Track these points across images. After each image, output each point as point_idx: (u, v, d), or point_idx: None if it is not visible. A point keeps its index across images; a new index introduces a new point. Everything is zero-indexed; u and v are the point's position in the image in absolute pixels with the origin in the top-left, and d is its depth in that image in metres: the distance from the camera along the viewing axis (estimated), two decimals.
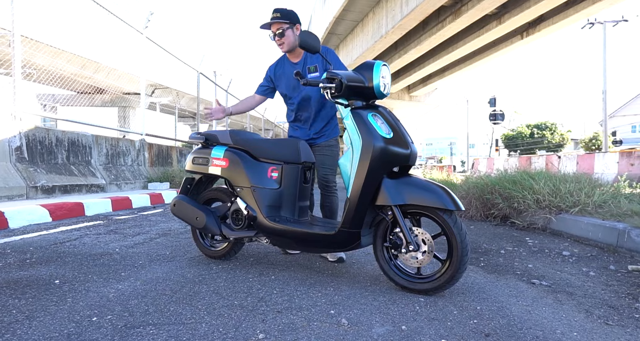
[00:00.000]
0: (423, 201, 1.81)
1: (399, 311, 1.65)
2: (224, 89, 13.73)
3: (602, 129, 29.46)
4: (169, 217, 4.58)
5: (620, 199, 3.80)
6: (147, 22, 8.21)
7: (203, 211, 2.36)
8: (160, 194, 6.38)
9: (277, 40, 2.56)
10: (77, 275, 2.11)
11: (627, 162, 9.76)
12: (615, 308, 1.75)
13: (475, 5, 10.70)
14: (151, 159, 8.04)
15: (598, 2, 11.23)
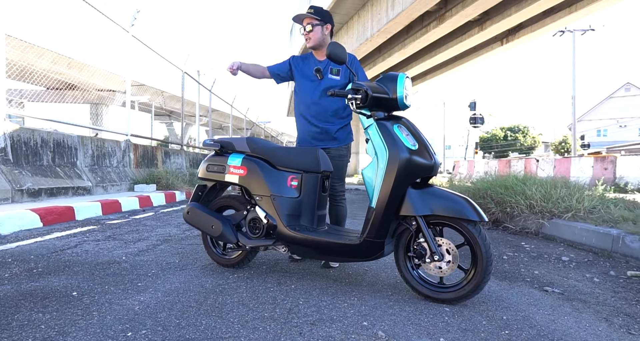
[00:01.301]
0: (448, 212, 1.85)
1: (429, 322, 1.69)
2: (208, 89, 13.53)
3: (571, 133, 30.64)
4: (164, 221, 4.49)
5: (609, 205, 3.97)
6: (134, 20, 8.02)
7: (219, 219, 2.34)
8: (148, 196, 6.25)
9: (304, 35, 2.64)
10: (93, 286, 2.05)
11: (601, 167, 10.19)
12: (632, 316, 1.83)
13: (459, 11, 10.93)
14: (136, 161, 7.85)
15: (574, 13, 11.68)
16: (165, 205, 6.42)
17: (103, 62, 14.68)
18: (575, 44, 27.08)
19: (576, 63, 27.01)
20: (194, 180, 9.06)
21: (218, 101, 14.85)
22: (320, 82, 2.65)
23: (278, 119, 37.25)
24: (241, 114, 18.81)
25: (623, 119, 46.01)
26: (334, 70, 2.66)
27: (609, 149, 31.26)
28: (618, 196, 4.77)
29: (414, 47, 13.52)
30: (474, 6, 10.48)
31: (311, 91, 2.63)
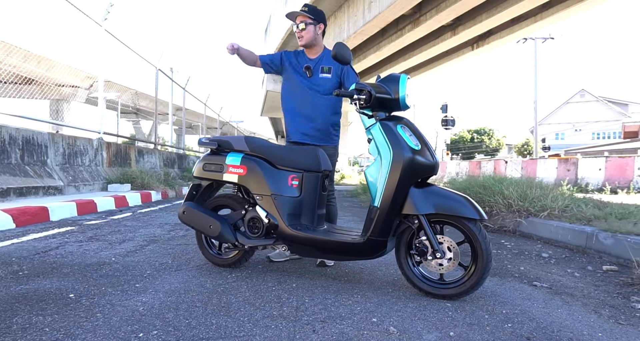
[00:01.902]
0: (450, 211, 1.91)
1: (434, 317, 1.74)
2: (182, 87, 13.24)
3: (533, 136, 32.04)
4: (144, 222, 4.38)
5: (580, 204, 4.20)
6: (107, 14, 7.75)
7: (217, 219, 2.31)
8: (124, 196, 6.06)
9: (297, 32, 2.64)
10: (89, 288, 1.99)
11: (565, 168, 10.71)
12: (617, 307, 1.95)
13: (433, 16, 11.21)
14: (109, 159, 7.59)
15: (539, 21, 12.23)
16: (142, 205, 6.24)
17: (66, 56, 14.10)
18: (537, 52, 28.45)
19: (537, 69, 28.34)
20: (169, 180, 8.85)
21: (189, 100, 14.56)
22: (310, 80, 2.67)
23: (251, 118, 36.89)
24: (214, 113, 18.51)
25: (578, 124, 48.54)
26: (324, 68, 2.69)
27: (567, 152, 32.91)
28: (586, 196, 5.05)
29: (389, 49, 13.75)
30: (448, 11, 10.78)
31: (302, 88, 2.65)
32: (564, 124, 49.94)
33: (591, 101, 48.76)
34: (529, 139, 48.32)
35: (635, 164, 9.46)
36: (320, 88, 2.64)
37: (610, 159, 9.97)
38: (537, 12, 11.86)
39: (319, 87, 2.63)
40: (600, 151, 29.47)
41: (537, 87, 28.73)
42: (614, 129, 46.22)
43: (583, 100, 49.50)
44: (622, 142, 33.88)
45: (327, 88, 2.64)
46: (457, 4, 10.33)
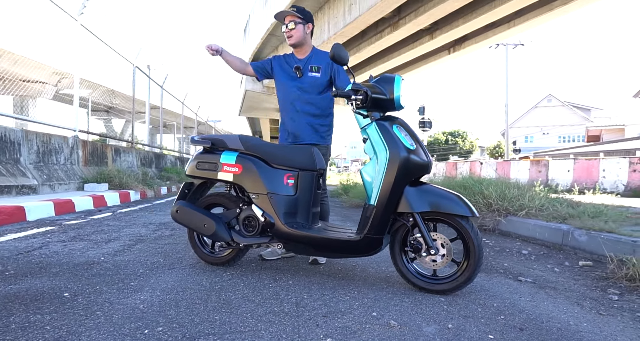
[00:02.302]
0: (444, 209, 1.98)
1: (431, 310, 1.80)
2: (159, 85, 12.98)
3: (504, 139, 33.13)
4: (127, 222, 4.29)
5: (555, 204, 4.39)
6: (83, 8, 7.53)
7: (211, 217, 2.31)
8: (102, 196, 5.91)
9: (286, 32, 2.66)
10: (83, 287, 1.95)
11: (536, 170, 11.13)
12: (596, 299, 2.07)
13: (412, 19, 11.43)
14: (85, 158, 7.37)
15: (512, 28, 12.66)
16: (121, 205, 6.10)
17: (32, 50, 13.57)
18: (508, 57, 29.43)
19: (508, 74, 29.32)
20: (147, 180, 8.67)
21: (167, 99, 14.29)
22: (300, 80, 2.71)
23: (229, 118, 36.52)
24: (192, 113, 18.23)
25: (546, 127, 50.43)
26: (313, 67, 2.73)
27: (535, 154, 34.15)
28: (559, 196, 5.28)
29: (369, 51, 13.91)
30: (427, 15, 11.02)
31: (292, 89, 2.69)
32: (532, 128, 51.74)
33: (557, 106, 50.74)
34: (500, 142, 49.79)
35: (601, 166, 9.94)
36: (309, 87, 2.68)
37: (578, 161, 10.43)
38: (510, 19, 12.28)
39: (309, 87, 2.67)
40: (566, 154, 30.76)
41: (508, 92, 29.66)
42: (578, 133, 48.25)
43: (550, 105, 51.44)
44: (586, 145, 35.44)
45: (317, 87, 2.68)
46: (436, 9, 10.56)
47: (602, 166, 9.83)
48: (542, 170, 10.86)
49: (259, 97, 19.95)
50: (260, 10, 15.56)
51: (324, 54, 2.77)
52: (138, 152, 10.29)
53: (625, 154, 21.50)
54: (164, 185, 9.15)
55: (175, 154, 15.53)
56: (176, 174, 11.29)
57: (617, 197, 7.58)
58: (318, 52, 2.78)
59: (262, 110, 23.34)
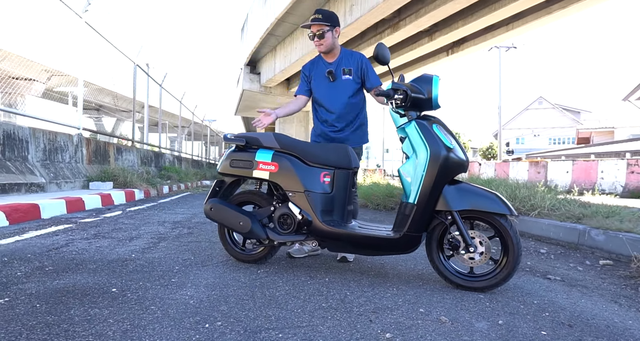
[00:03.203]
0: (483, 207, 2.02)
1: (475, 307, 1.83)
2: (159, 83, 12.91)
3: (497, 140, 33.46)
4: (141, 220, 4.28)
5: (566, 204, 4.46)
6: (88, 6, 7.47)
7: (247, 215, 2.32)
8: (109, 194, 5.87)
9: (315, 41, 2.65)
10: (126, 283, 1.96)
11: (535, 171, 11.27)
12: (630, 298, 2.11)
13: (412, 21, 11.49)
14: (89, 156, 7.31)
15: (511, 30, 12.79)
16: (128, 204, 6.07)
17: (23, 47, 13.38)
18: (501, 60, 29.78)
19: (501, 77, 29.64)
20: (150, 178, 8.62)
21: (169, 97, 14.22)
22: (334, 84, 2.71)
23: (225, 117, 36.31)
24: (189, 112, 18.14)
25: (537, 129, 51.05)
26: (345, 70, 2.73)
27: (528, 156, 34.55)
28: (567, 196, 5.36)
29: (368, 53, 13.93)
30: (427, 17, 11.09)
31: (328, 93, 2.69)
32: (524, 129, 52.31)
33: (548, 108, 51.37)
34: (492, 143, 50.29)
35: (599, 167, 10.09)
36: (344, 90, 2.69)
37: (577, 162, 10.58)
38: (508, 21, 12.40)
39: (345, 89, 2.68)
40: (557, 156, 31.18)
41: (501, 94, 29.98)
42: (568, 135, 48.90)
43: (541, 107, 52.06)
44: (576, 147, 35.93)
45: (351, 88, 2.70)
46: (437, 11, 10.63)
47: (601, 168, 9.98)
48: (541, 171, 11.01)
49: (256, 96, 19.91)
50: (259, 10, 15.53)
51: (352, 55, 2.78)
52: (138, 151, 10.22)
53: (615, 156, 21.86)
54: (166, 184, 9.10)
55: (175, 153, 15.44)
56: (176, 173, 11.23)
57: (616, 198, 7.72)
58: (347, 53, 2.79)
59: None
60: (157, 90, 13.20)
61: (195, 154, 18.97)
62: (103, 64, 13.42)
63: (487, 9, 10.95)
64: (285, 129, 21.86)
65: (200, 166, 18.37)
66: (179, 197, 7.80)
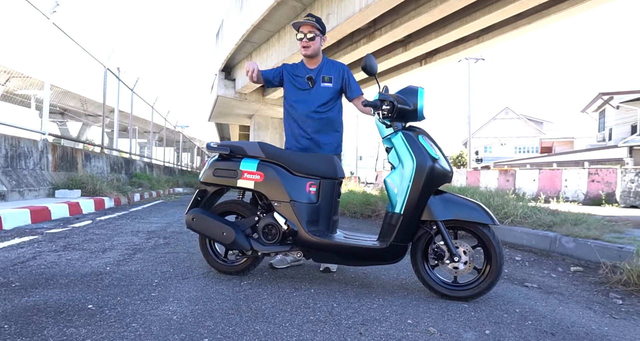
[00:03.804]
0: (467, 217, 2.05)
1: (461, 317, 1.85)
2: (130, 88, 12.55)
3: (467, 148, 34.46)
4: (113, 230, 4.11)
5: (536, 212, 4.62)
6: (56, 6, 7.20)
7: (230, 225, 2.27)
8: (77, 203, 5.62)
9: (304, 42, 2.63)
10: (103, 298, 1.86)
11: (504, 179, 11.63)
12: (603, 304, 2.19)
13: (388, 31, 11.72)
14: (55, 163, 6.99)
15: (481, 43, 13.26)
16: (97, 212, 5.83)
17: None
18: (470, 71, 30.81)
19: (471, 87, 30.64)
20: (121, 186, 8.33)
21: (141, 102, 13.85)
22: (313, 90, 2.70)
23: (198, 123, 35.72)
24: (161, 118, 17.72)
25: (503, 138, 52.88)
26: (325, 78, 2.73)
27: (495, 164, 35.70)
28: (536, 204, 5.55)
29: (344, 61, 14.08)
30: (402, 28, 11.33)
31: (305, 99, 2.68)
32: (491, 138, 54.05)
33: (514, 118, 53.33)
34: (462, 151, 51.67)
35: (563, 176, 10.53)
36: (322, 97, 2.69)
37: (543, 171, 11.00)
38: (479, 34, 12.85)
39: (321, 97, 2.68)
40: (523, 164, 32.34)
41: (470, 104, 30.92)
42: (532, 144, 50.92)
43: (507, 117, 53.98)
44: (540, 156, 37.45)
45: (329, 97, 2.70)
46: (411, 22, 10.88)
47: (565, 176, 10.42)
48: (510, 179, 11.37)
49: (230, 103, 19.67)
50: (235, 16, 15.45)
51: (334, 64, 2.79)
52: (108, 158, 9.87)
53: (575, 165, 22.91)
54: (137, 192, 8.82)
55: (145, 159, 15.02)
56: (147, 181, 10.91)
57: (579, 205, 8.07)
58: (328, 62, 2.80)
59: (233, 116, 23.02)
60: (129, 95, 12.84)
61: (167, 161, 18.51)
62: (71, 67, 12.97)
63: (459, 22, 11.30)
64: (260, 135, 21.70)
65: (172, 173, 17.94)
66: (151, 205, 7.57)
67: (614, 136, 28.04)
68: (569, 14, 10.60)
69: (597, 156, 26.42)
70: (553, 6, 10.60)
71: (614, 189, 9.44)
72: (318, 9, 12.14)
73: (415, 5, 10.42)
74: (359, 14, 10.47)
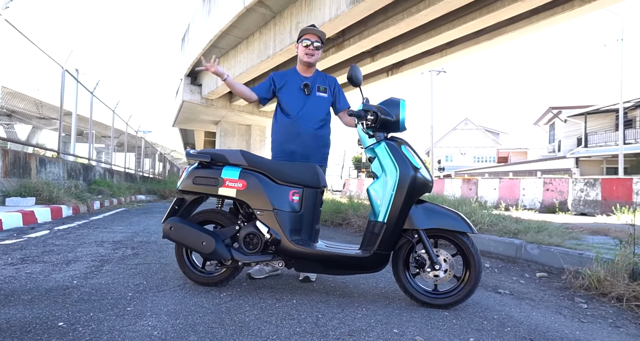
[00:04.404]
0: (447, 226, 2.10)
1: (444, 325, 1.88)
2: (90, 91, 12.02)
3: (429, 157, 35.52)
4: (74, 240, 3.90)
5: (502, 220, 4.81)
6: (9, 2, 6.81)
7: (210, 235, 2.21)
8: (32, 212, 5.28)
9: (310, 50, 2.64)
10: (74, 315, 1.75)
11: (467, 187, 12.04)
12: (571, 308, 2.29)
13: (356, 42, 11.94)
14: (5, 169, 6.54)
15: (444, 56, 13.77)
16: (54, 222, 5.50)
17: None
18: (433, 83, 31.92)
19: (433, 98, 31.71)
20: (79, 193, 7.92)
21: (102, 106, 13.28)
22: (309, 98, 2.69)
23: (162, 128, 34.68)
24: (123, 123, 17.04)
25: (463, 148, 54.94)
26: (321, 87, 2.73)
27: (456, 173, 36.98)
28: (501, 213, 5.78)
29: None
30: (369, 39, 11.58)
31: (301, 106, 2.67)
32: (452, 148, 55.98)
33: (473, 129, 55.57)
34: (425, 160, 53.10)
35: (521, 185, 11.04)
36: (317, 107, 2.69)
37: (503, 180, 11.49)
38: (443, 48, 13.34)
39: (316, 106, 2.68)
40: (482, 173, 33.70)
41: (432, 114, 31.94)
42: (490, 154, 53.21)
43: (467, 127, 56.18)
44: (497, 165, 39.15)
45: (323, 107, 2.71)
46: (378, 34, 11.14)
47: (522, 185, 10.92)
48: (473, 188, 11.79)
49: (196, 108, 19.27)
50: (202, 21, 15.21)
51: (326, 77, 2.83)
52: (65, 163, 9.37)
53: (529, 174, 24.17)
54: (97, 199, 8.41)
55: (104, 165, 14.38)
56: (108, 188, 10.44)
57: (536, 213, 8.48)
58: (321, 74, 2.81)
59: (198, 122, 22.54)
60: (88, 98, 12.29)
61: (128, 167, 17.80)
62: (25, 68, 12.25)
63: (425, 35, 11.68)
64: (226, 142, 21.36)
65: (133, 180, 17.26)
66: (113, 213, 7.24)
67: (563, 147, 29.81)
68: (525, 31, 11.22)
69: (549, 166, 27.99)
70: (510, 24, 11.20)
71: (566, 197, 10.00)
72: (287, 17, 12.20)
73: (383, 18, 10.67)
74: (329, 24, 10.60)
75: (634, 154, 24.10)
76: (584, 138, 27.03)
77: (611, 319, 2.11)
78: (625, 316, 2.17)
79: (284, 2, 11.94)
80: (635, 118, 25.90)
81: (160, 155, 28.15)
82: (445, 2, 9.07)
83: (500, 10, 9.64)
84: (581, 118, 27.56)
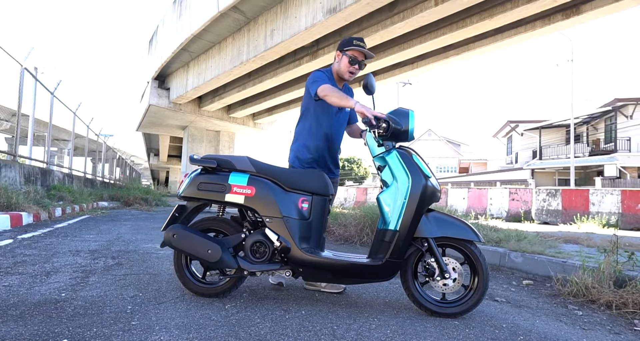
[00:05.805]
0: (456, 234, 2.12)
1: (459, 335, 1.88)
2: (50, 91, 11.37)
3: None
4: (45, 250, 3.63)
5: (481, 229, 4.94)
6: None
7: (216, 243, 2.11)
8: None
9: (354, 68, 2.53)
10: (77, 330, 1.61)
11: None
12: (568, 316, 2.36)
13: (330, 51, 12.04)
14: None
15: (415, 69, 14.20)
16: (15, 229, 5.12)
17: None
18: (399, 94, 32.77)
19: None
20: (39, 199, 7.42)
21: (62, 107, 12.60)
22: (340, 114, 2.63)
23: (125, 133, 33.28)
24: (84, 126, 16.21)
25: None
26: None
27: None
28: (478, 221, 5.95)
29: (286, 76, 14.16)
30: None
31: (335, 121, 2.61)
32: None
33: (436, 140, 57.34)
34: None
35: (489, 195, 11.46)
36: (344, 120, 2.69)
37: (471, 190, 11.87)
38: (414, 61, 13.73)
39: (343, 119, 2.67)
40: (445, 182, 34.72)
41: None
42: (452, 165, 55.07)
43: (430, 138, 57.90)
44: (459, 176, 40.54)
45: (346, 120, 2.70)
46: None
47: (490, 195, 11.33)
48: (443, 197, 12.10)
49: (163, 113, 18.68)
50: (172, 24, 14.85)
51: (349, 90, 2.80)
52: (22, 167, 8.77)
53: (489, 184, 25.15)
54: (58, 206, 7.92)
55: (64, 170, 13.61)
56: (69, 193, 9.86)
57: (503, 222, 8.81)
58: (346, 86, 2.77)
59: (164, 126, 21.83)
60: (48, 99, 11.62)
61: (88, 172, 16.91)
62: None
63: (397, 48, 11.98)
64: (194, 148, 20.84)
65: (93, 185, 16.42)
66: (77, 221, 6.83)
67: (520, 159, 31.31)
68: (491, 48, 11.76)
69: (507, 177, 29.23)
70: (477, 41, 11.71)
71: (530, 207, 10.46)
72: (262, 23, 12.15)
73: (357, 29, 10.84)
74: (305, 32, 10.66)
75: (582, 166, 25.68)
76: (538, 151, 28.52)
77: (608, 326, 2.19)
78: (619, 322, 2.26)
79: (258, 9, 11.89)
80: (582, 133, 27.69)
81: (119, 160, 26.96)
82: (419, 16, 9.36)
83: (469, 27, 10.06)
84: (536, 132, 29.10)
